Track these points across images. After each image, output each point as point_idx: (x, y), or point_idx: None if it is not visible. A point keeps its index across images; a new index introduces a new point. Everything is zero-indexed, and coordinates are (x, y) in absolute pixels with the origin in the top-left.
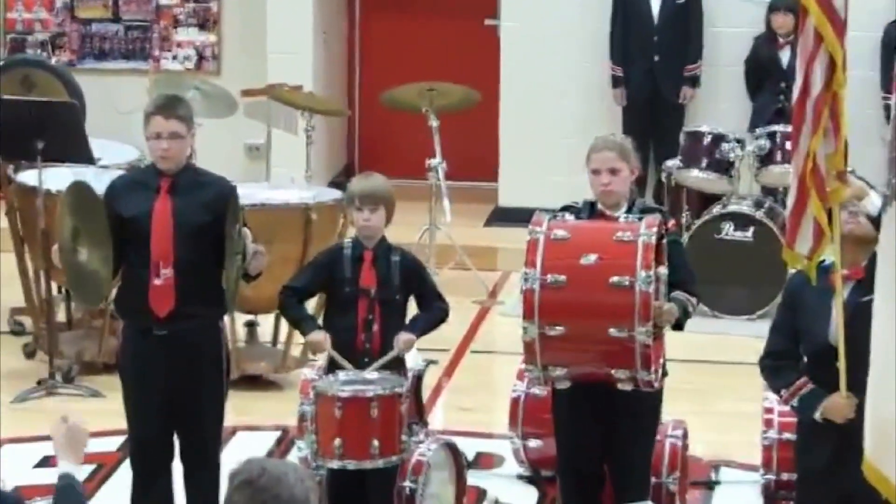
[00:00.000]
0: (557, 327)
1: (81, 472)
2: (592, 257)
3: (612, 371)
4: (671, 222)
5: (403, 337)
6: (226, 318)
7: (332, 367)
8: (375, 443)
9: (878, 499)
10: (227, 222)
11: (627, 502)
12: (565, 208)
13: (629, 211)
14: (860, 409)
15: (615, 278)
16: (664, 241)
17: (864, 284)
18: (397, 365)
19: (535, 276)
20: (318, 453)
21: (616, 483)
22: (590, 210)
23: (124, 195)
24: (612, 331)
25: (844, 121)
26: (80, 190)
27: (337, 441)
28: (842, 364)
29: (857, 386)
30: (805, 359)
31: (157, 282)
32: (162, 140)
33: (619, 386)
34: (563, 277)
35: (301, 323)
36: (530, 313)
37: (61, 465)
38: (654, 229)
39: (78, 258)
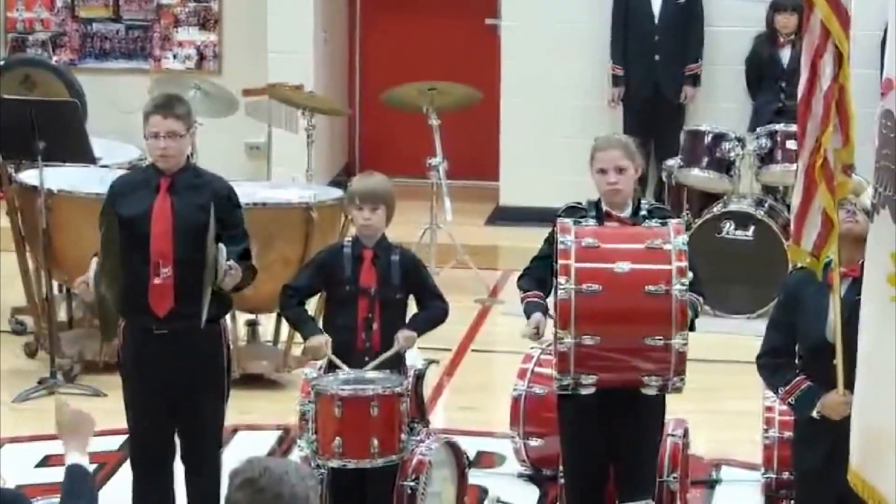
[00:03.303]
0: (594, 336)
1: (88, 462)
2: (626, 265)
3: (644, 378)
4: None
5: (404, 333)
6: (227, 317)
7: (332, 366)
8: (375, 442)
9: None
10: (207, 238)
11: (631, 500)
12: (570, 208)
13: (635, 210)
14: None
15: (651, 286)
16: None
17: (861, 282)
18: (397, 364)
19: (570, 286)
20: (318, 452)
21: (622, 482)
22: (595, 210)
23: (124, 195)
24: (648, 339)
25: (852, 114)
26: (110, 224)
27: (337, 440)
28: (839, 362)
29: (854, 383)
30: (801, 356)
31: (156, 281)
32: (160, 139)
33: (645, 391)
34: (597, 286)
35: (301, 325)
36: (566, 323)
37: (69, 456)
38: (685, 236)
39: (101, 290)
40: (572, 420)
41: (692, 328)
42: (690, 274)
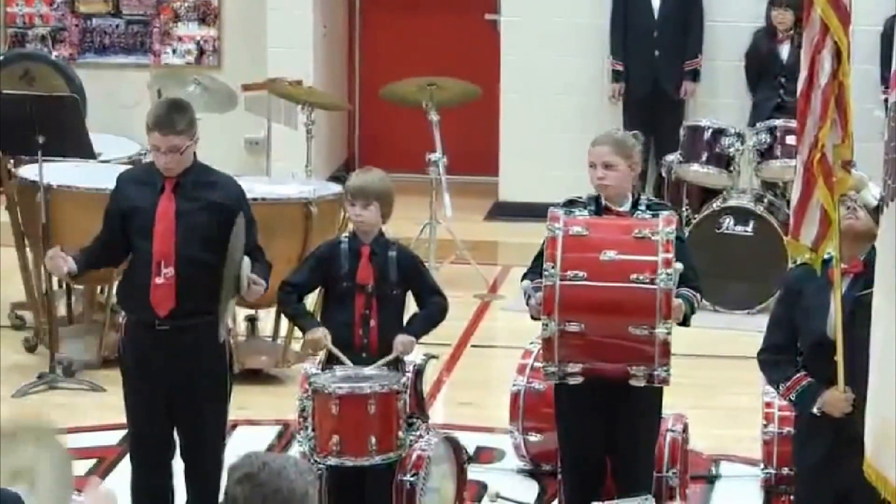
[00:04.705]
0: (577, 324)
1: None
2: (612, 254)
3: (630, 368)
4: (675, 218)
5: (402, 339)
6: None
7: (330, 361)
8: (373, 440)
9: (876, 493)
10: (229, 247)
11: (630, 495)
12: (570, 202)
13: (635, 205)
14: (857, 404)
15: (636, 275)
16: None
17: (863, 279)
18: (395, 360)
19: (556, 273)
20: (316, 450)
21: (619, 476)
22: (595, 204)
23: (130, 190)
24: (632, 328)
25: (851, 111)
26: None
27: (334, 438)
28: (840, 358)
29: (855, 380)
30: (802, 352)
31: (158, 280)
32: (160, 155)
33: (633, 382)
34: (582, 273)
35: (300, 320)
36: (550, 309)
37: None
38: (673, 227)
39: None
40: (569, 411)
41: (686, 324)
42: (679, 265)
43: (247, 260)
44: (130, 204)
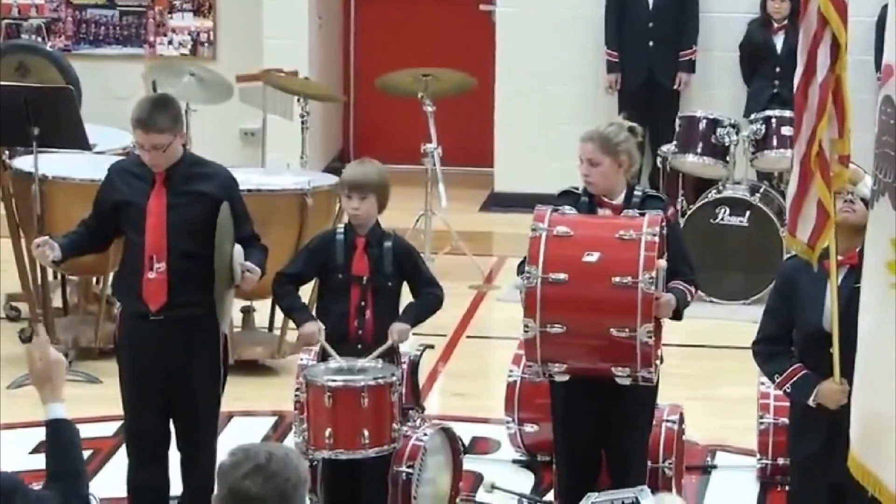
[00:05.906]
0: (559, 325)
1: (64, 410)
2: (595, 256)
3: (612, 368)
4: (671, 211)
5: (397, 327)
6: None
7: (326, 354)
8: (366, 433)
9: None
10: (216, 240)
11: (625, 487)
12: (565, 192)
13: (629, 196)
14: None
15: (617, 278)
16: (664, 230)
17: (858, 270)
18: (390, 352)
19: (537, 274)
20: (309, 443)
21: (613, 469)
22: (588, 196)
23: (121, 183)
24: (614, 330)
25: (848, 104)
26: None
27: (327, 431)
28: (835, 350)
29: (851, 372)
30: (798, 344)
31: (150, 275)
32: (145, 152)
33: (618, 381)
34: (564, 276)
35: (294, 313)
36: (532, 311)
37: (47, 408)
38: (657, 227)
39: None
40: (564, 403)
41: (679, 317)
42: (663, 262)
43: (238, 248)
44: (121, 197)
